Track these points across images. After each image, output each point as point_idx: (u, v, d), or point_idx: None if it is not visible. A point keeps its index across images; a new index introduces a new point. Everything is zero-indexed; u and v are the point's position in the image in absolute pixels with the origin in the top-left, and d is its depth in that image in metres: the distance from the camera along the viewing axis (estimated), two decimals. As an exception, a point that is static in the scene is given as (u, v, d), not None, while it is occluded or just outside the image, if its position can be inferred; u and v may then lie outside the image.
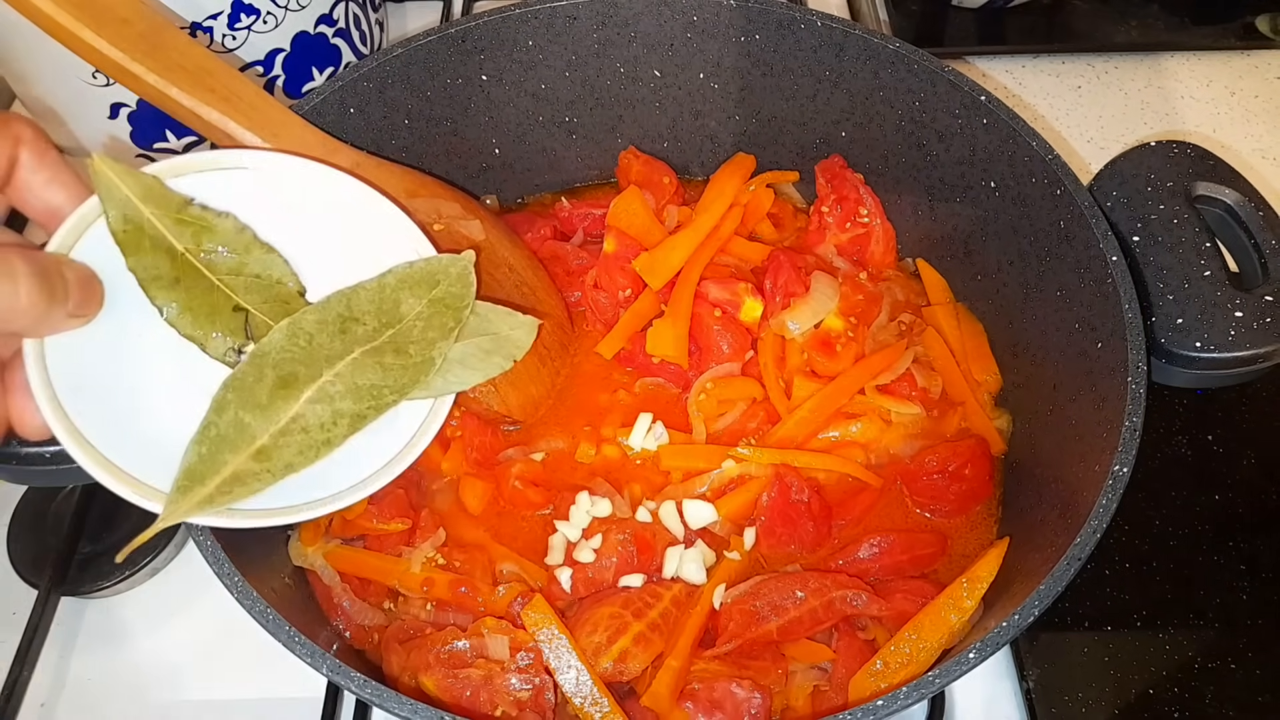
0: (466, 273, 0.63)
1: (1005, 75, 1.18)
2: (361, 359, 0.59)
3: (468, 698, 0.65)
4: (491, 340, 0.64)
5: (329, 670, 0.56)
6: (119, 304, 0.57)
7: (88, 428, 0.54)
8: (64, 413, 0.53)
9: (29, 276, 0.49)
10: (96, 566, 0.83)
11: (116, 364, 0.58)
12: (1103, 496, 0.59)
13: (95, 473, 0.54)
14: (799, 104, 0.87)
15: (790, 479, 0.75)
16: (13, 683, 0.76)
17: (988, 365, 0.83)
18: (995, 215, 0.79)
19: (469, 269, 0.63)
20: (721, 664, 0.68)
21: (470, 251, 0.64)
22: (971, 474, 0.77)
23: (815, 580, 0.71)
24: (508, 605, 0.71)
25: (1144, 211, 0.71)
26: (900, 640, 0.67)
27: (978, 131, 0.77)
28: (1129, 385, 0.63)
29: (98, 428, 0.54)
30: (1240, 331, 0.66)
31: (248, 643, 0.80)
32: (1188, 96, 1.16)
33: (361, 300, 0.61)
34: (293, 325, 0.59)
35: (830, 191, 0.88)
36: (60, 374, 0.54)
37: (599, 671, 0.66)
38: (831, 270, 0.86)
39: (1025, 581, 0.61)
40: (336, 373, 0.59)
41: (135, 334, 0.58)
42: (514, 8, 0.82)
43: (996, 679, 0.78)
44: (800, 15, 0.81)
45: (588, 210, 0.91)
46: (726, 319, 0.82)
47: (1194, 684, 0.77)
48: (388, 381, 0.60)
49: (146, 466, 0.55)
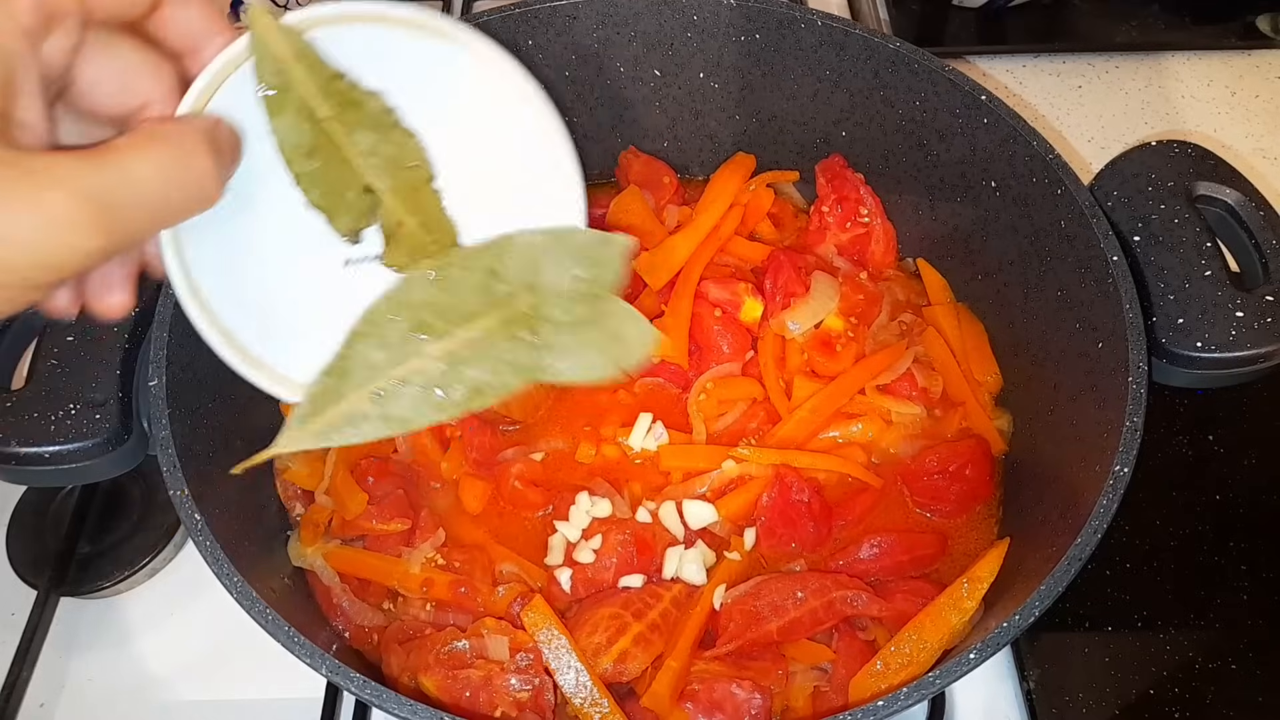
0: (620, 258, 0.55)
1: (1006, 75, 1.18)
2: (497, 326, 0.54)
3: (467, 698, 0.64)
4: (605, 339, 0.56)
5: (328, 670, 0.55)
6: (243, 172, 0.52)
7: (221, 314, 0.52)
8: (201, 299, 0.51)
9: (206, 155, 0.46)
10: (96, 567, 0.83)
11: (234, 241, 0.53)
12: (1103, 497, 0.59)
13: (234, 362, 0.52)
14: (799, 103, 0.87)
15: (790, 479, 0.75)
16: (12, 683, 0.76)
17: (988, 365, 0.83)
18: (996, 215, 0.79)
19: (624, 255, 0.55)
20: (722, 664, 0.68)
21: (630, 237, 0.56)
22: (972, 474, 0.77)
23: (815, 581, 0.71)
24: (507, 606, 0.70)
25: (1145, 211, 0.71)
26: (901, 641, 0.66)
27: (978, 131, 0.77)
28: (1130, 385, 0.63)
29: (226, 313, 0.52)
30: (1241, 331, 0.66)
31: (247, 643, 0.80)
32: (1188, 96, 1.16)
33: (511, 259, 0.55)
34: (441, 268, 0.54)
35: (830, 191, 0.88)
36: (191, 256, 0.51)
37: (599, 672, 0.66)
38: (832, 270, 0.86)
39: (1026, 582, 0.61)
40: (470, 335, 0.54)
41: (255, 208, 0.53)
42: (514, 7, 0.82)
43: (997, 679, 0.78)
44: (800, 14, 0.81)
45: (588, 210, 0.91)
46: (727, 319, 0.82)
47: (1195, 684, 0.77)
48: (516, 358, 0.54)
49: (274, 352, 0.53)
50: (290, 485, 0.77)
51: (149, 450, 0.66)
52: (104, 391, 0.65)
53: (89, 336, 0.67)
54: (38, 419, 0.64)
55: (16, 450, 0.63)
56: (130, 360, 0.67)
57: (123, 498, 0.85)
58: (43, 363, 0.66)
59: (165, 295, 0.66)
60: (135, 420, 0.66)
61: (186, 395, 0.66)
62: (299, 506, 0.77)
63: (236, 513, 0.68)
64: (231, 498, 0.69)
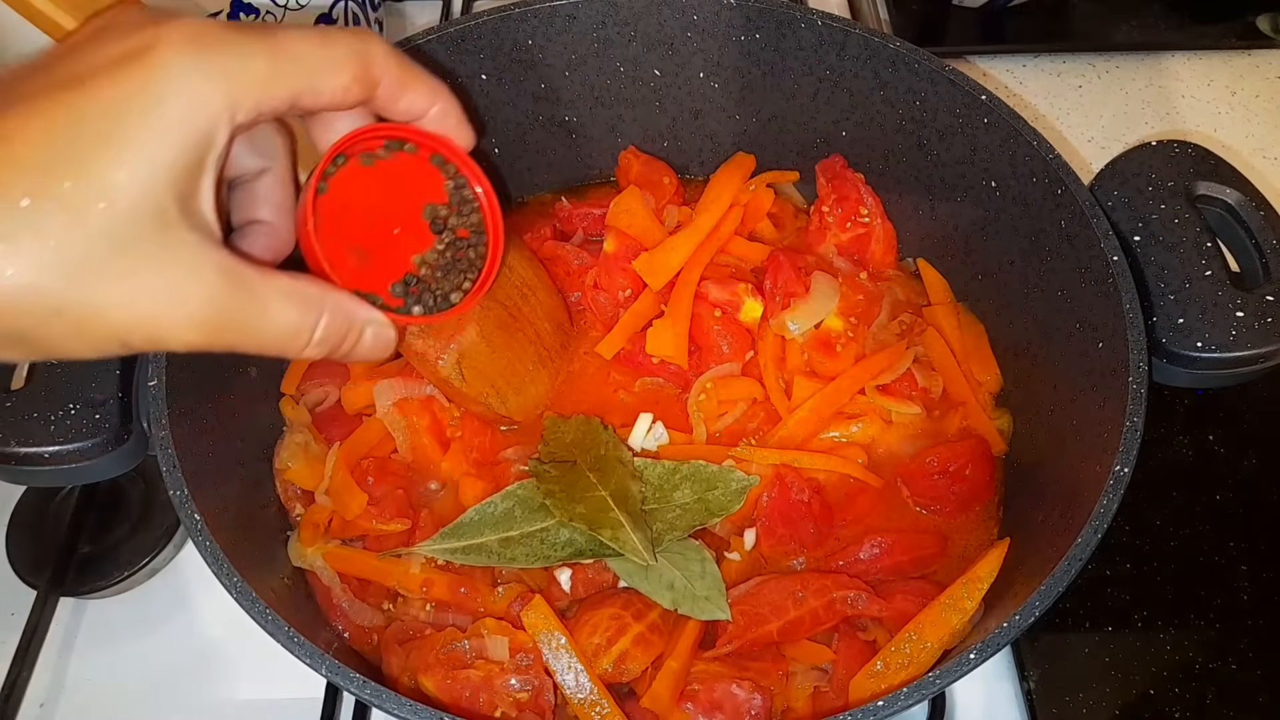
0: (742, 493, 0.73)
1: (1006, 74, 1.17)
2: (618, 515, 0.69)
3: (467, 698, 0.64)
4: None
5: (328, 671, 0.55)
6: None
7: None
8: None
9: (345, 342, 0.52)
10: (95, 567, 0.83)
11: None
12: (1104, 497, 0.59)
13: None
14: (799, 103, 0.87)
15: (790, 479, 0.75)
16: (11, 683, 0.76)
17: (988, 365, 0.83)
18: (996, 215, 0.79)
19: (746, 490, 0.73)
20: (722, 665, 0.68)
21: (755, 477, 0.74)
22: (972, 474, 0.77)
23: (815, 581, 0.71)
24: (507, 606, 0.70)
25: (1145, 211, 0.71)
26: (901, 641, 0.66)
27: (978, 131, 0.77)
28: (1130, 385, 0.63)
29: None
30: (1241, 331, 0.66)
31: (246, 643, 0.80)
32: (1189, 96, 1.16)
33: (654, 472, 0.73)
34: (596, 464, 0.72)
35: (830, 191, 0.88)
36: None
37: (598, 673, 0.66)
38: (832, 270, 0.86)
39: (1026, 582, 0.61)
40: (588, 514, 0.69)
41: None
42: (514, 7, 0.82)
43: (997, 680, 0.78)
44: (801, 14, 0.80)
45: (588, 210, 0.91)
46: (726, 319, 0.82)
47: (1195, 684, 0.77)
48: (617, 540, 0.68)
49: None
50: (290, 485, 0.77)
51: (148, 450, 0.66)
52: (103, 391, 0.65)
53: (89, 336, 0.67)
54: (37, 419, 0.64)
55: (16, 450, 0.63)
56: (130, 360, 0.67)
57: (122, 498, 0.85)
58: (42, 363, 0.66)
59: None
60: (135, 420, 0.66)
61: (186, 395, 0.66)
62: (299, 507, 0.77)
63: (236, 513, 0.68)
64: (231, 498, 0.69)
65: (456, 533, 0.72)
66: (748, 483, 0.73)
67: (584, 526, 0.68)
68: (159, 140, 0.41)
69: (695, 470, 0.74)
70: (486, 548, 0.70)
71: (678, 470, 0.74)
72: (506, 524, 0.71)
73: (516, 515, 0.71)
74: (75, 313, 0.41)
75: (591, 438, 0.75)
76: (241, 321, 0.46)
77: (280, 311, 0.47)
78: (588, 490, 0.70)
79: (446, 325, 0.73)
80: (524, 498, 0.72)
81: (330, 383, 0.81)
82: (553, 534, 0.70)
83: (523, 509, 0.71)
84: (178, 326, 0.44)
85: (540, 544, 0.70)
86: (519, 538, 0.70)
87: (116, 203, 0.41)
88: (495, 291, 0.77)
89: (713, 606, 0.68)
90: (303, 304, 0.48)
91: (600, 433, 0.76)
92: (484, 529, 0.71)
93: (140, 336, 0.43)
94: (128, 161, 0.41)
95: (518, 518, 0.71)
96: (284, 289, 0.48)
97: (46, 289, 0.40)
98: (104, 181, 0.40)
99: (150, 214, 0.42)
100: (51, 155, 0.40)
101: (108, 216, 0.40)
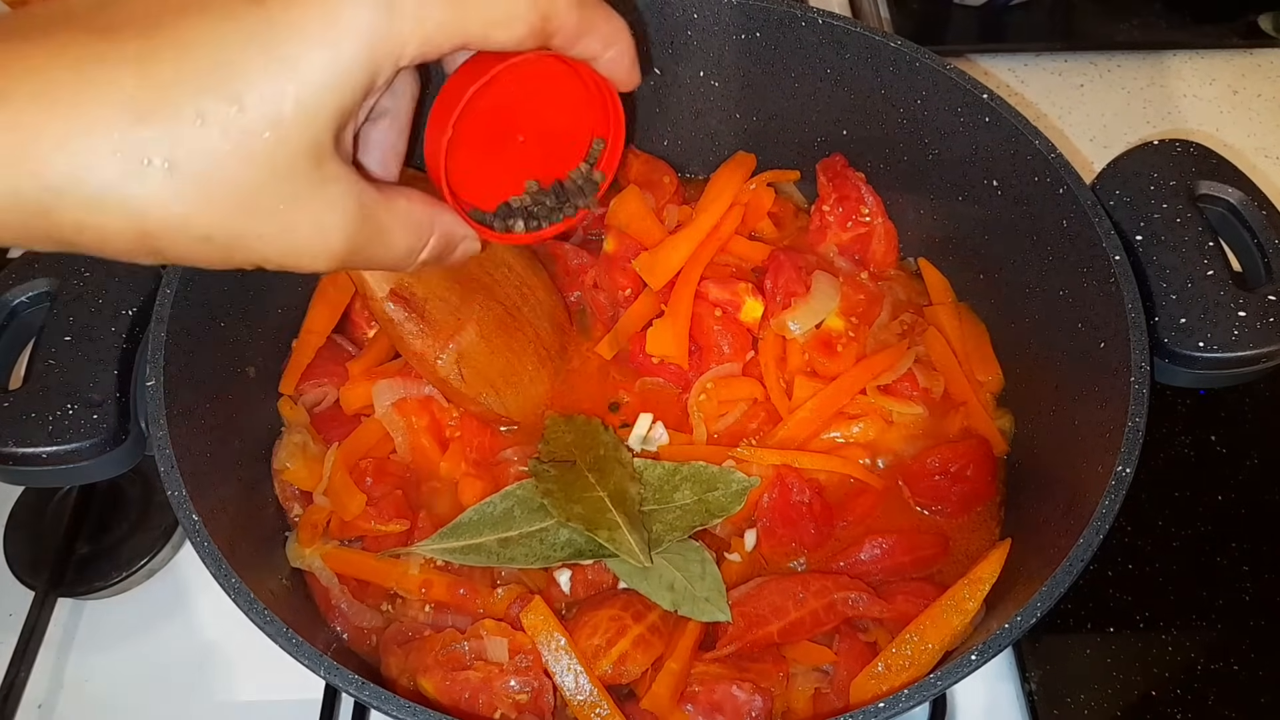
0: (743, 493, 0.73)
1: (1007, 73, 1.17)
2: (615, 516, 0.69)
3: (466, 700, 0.64)
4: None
5: (326, 672, 0.55)
6: None
7: None
8: None
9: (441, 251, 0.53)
10: (94, 567, 0.82)
11: None
12: (1105, 497, 0.59)
13: None
14: (800, 102, 0.87)
15: (791, 480, 0.75)
16: (10, 684, 0.76)
17: (990, 365, 0.83)
18: (997, 214, 0.79)
19: (746, 491, 0.73)
20: (722, 666, 0.68)
21: (755, 478, 0.73)
22: (973, 475, 0.76)
23: (816, 582, 0.71)
24: (506, 607, 0.70)
25: (1147, 211, 0.71)
26: (902, 642, 0.66)
27: (980, 130, 0.77)
28: (1132, 385, 0.62)
29: None
30: (1243, 331, 0.66)
31: (245, 644, 0.80)
32: (1190, 95, 1.15)
33: (654, 473, 0.73)
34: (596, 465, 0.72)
35: (831, 190, 0.88)
36: None
37: (598, 674, 0.66)
38: (833, 270, 0.86)
39: (1028, 583, 0.61)
40: (586, 515, 0.68)
41: None
42: (513, 6, 0.81)
43: (998, 681, 0.78)
44: (801, 13, 0.80)
45: (587, 210, 0.91)
46: (727, 319, 0.82)
47: (1197, 685, 0.76)
48: (614, 541, 0.67)
49: None
50: (288, 486, 0.77)
51: (146, 451, 0.65)
52: (101, 391, 0.65)
53: (86, 336, 0.67)
54: (35, 419, 0.63)
55: (14, 450, 0.62)
56: (128, 360, 0.67)
57: (120, 498, 0.85)
58: (40, 362, 0.66)
59: (163, 294, 0.66)
60: (133, 420, 0.65)
61: (184, 395, 0.65)
62: (297, 507, 0.77)
63: (234, 513, 0.68)
64: (229, 498, 0.68)
65: (455, 533, 0.71)
66: (748, 483, 0.73)
67: (581, 527, 0.68)
68: (331, 73, 0.40)
69: (695, 471, 0.73)
70: (485, 548, 0.70)
71: (678, 471, 0.73)
72: (506, 524, 0.71)
73: (516, 515, 0.71)
74: (223, 241, 0.40)
75: (591, 438, 0.75)
76: (368, 251, 0.46)
77: (399, 238, 0.48)
78: (586, 491, 0.70)
79: (445, 325, 0.73)
80: (523, 498, 0.72)
81: (329, 383, 0.81)
82: (552, 534, 0.70)
83: (522, 509, 0.71)
84: (315, 256, 0.44)
85: (539, 544, 0.70)
86: (518, 538, 0.70)
87: (281, 135, 0.39)
88: (494, 291, 0.77)
89: (713, 608, 0.68)
90: (416, 230, 0.49)
91: (600, 433, 0.76)
92: (483, 529, 0.71)
93: (277, 264, 0.43)
94: (297, 94, 0.39)
95: (517, 518, 0.71)
96: (402, 216, 0.48)
97: (200, 219, 0.39)
98: (271, 112, 0.39)
99: (308, 148, 0.41)
100: (222, 73, 0.38)
101: (270, 149, 0.39)
